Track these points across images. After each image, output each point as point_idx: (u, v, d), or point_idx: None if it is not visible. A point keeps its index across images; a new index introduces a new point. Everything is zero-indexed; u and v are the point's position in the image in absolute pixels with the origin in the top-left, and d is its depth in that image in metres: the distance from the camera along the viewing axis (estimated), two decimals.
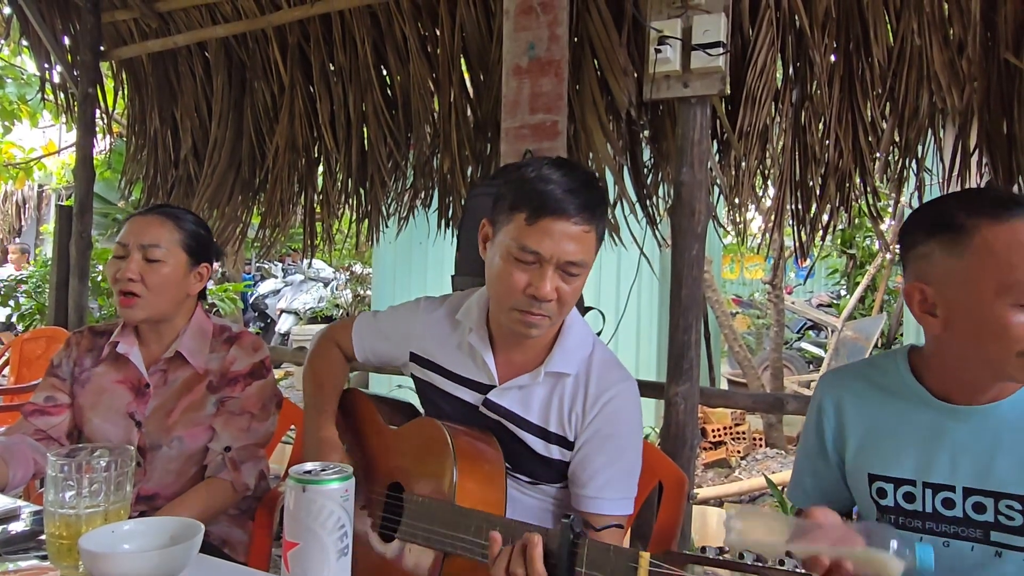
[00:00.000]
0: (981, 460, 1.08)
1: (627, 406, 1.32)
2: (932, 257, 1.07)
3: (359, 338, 1.50)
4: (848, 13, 2.17)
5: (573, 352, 1.33)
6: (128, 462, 1.06)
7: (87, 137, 3.43)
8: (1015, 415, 1.08)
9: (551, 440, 1.31)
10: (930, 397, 1.13)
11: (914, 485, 1.13)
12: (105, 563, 0.89)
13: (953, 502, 1.10)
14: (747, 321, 9.44)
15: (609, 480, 1.28)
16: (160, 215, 1.61)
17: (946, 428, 1.11)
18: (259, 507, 1.66)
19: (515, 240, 1.21)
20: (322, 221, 3.42)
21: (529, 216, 1.20)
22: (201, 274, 1.65)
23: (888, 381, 1.19)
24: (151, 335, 1.64)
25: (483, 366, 1.35)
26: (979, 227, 1.01)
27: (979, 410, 1.09)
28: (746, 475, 4.70)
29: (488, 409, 1.34)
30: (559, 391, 1.32)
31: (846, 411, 1.22)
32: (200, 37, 3.29)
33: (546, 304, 1.22)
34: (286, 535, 0.92)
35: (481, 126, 2.79)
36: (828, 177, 2.28)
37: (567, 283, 1.22)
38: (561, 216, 1.19)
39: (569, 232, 1.19)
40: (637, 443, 1.34)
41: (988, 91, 2.07)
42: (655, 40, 1.90)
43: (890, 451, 1.16)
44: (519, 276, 1.21)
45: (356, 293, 9.27)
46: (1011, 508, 1.06)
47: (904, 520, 1.14)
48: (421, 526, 1.19)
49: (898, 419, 1.16)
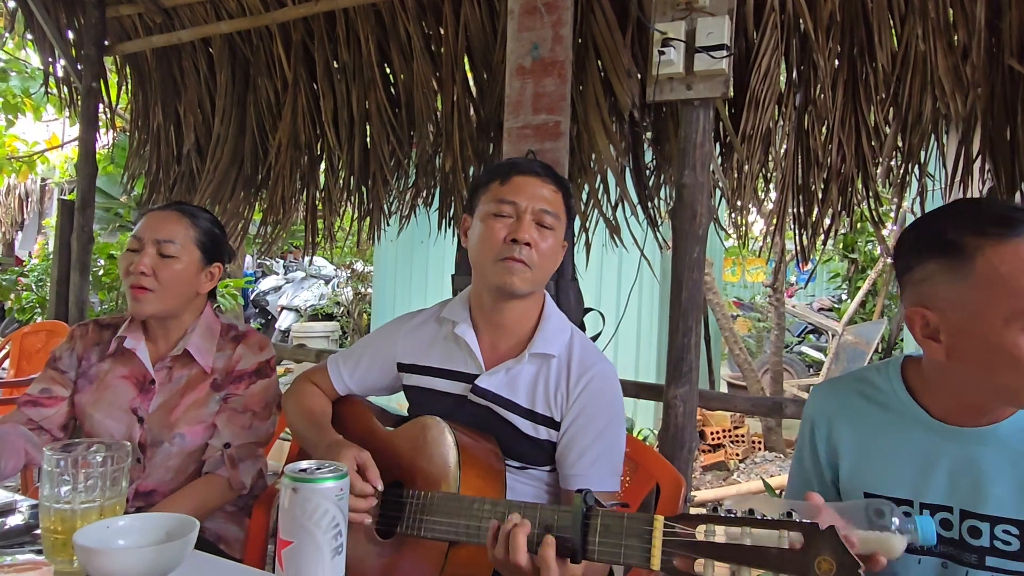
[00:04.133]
0: (978, 483, 1.04)
1: (608, 384, 1.38)
2: (933, 281, 1.01)
3: (336, 372, 1.52)
4: (853, 17, 2.17)
5: (555, 335, 1.40)
6: (124, 457, 1.06)
7: (90, 131, 3.43)
8: (1013, 439, 1.04)
9: (538, 421, 1.36)
10: (926, 416, 1.09)
11: (911, 505, 1.09)
12: (100, 559, 0.89)
13: (951, 523, 1.06)
14: (748, 324, 9.43)
15: (597, 456, 1.33)
16: (177, 211, 1.61)
17: (943, 449, 1.07)
18: (256, 504, 1.66)
19: (493, 200, 1.35)
20: (324, 218, 3.42)
21: (502, 178, 1.36)
22: (212, 273, 1.65)
23: (882, 397, 1.15)
24: (159, 331, 1.64)
25: (469, 353, 1.40)
26: (982, 249, 0.95)
27: (977, 432, 1.05)
28: (744, 478, 4.70)
29: (476, 395, 1.37)
30: (544, 373, 1.38)
31: (838, 428, 1.19)
32: (204, 33, 3.29)
33: (525, 249, 1.31)
34: (281, 533, 0.91)
35: (484, 126, 2.78)
36: (830, 181, 2.28)
37: (542, 236, 1.33)
38: (531, 174, 1.36)
39: (539, 187, 1.35)
40: (621, 420, 1.39)
41: (992, 97, 2.07)
42: (659, 42, 1.89)
43: (886, 470, 1.12)
44: (499, 228, 1.33)
45: (357, 291, 9.27)
46: (1008, 533, 1.02)
47: None
48: (424, 518, 1.20)
49: (893, 437, 1.12)
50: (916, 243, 1.05)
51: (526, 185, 1.34)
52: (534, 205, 1.33)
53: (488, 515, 1.11)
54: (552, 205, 1.35)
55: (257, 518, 1.64)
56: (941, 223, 1.02)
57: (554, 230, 1.35)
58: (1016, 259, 0.93)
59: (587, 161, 2.47)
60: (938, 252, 1.00)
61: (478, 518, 1.12)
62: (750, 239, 2.71)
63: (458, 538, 1.14)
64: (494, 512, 1.11)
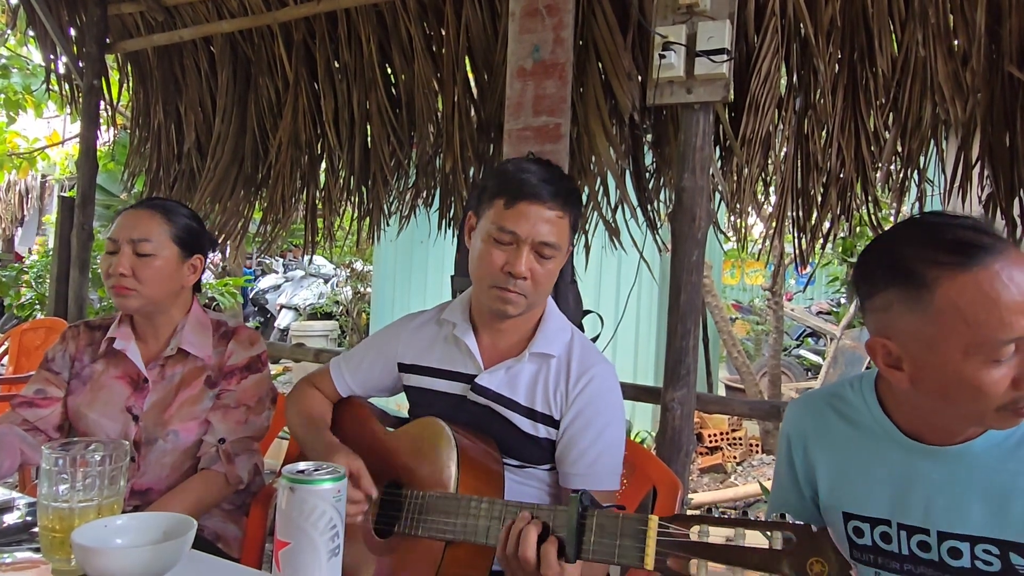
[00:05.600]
0: (955, 503, 1.02)
1: (608, 384, 1.39)
2: (892, 311, 0.97)
3: (339, 375, 1.52)
4: (853, 23, 2.17)
5: (555, 335, 1.41)
6: (123, 456, 1.06)
7: (91, 129, 3.44)
8: (988, 456, 1.01)
9: (538, 419, 1.36)
10: (900, 435, 1.07)
11: (889, 525, 1.07)
12: (97, 558, 0.89)
13: (929, 545, 1.04)
14: (746, 327, 9.43)
15: (597, 456, 1.33)
16: (150, 209, 1.61)
17: (918, 468, 1.05)
18: (253, 503, 1.66)
19: (494, 223, 1.31)
20: (323, 218, 3.42)
21: (507, 201, 1.31)
22: (195, 266, 1.65)
23: (856, 415, 1.12)
24: (148, 330, 1.64)
25: (468, 353, 1.40)
26: (939, 281, 0.91)
27: (952, 451, 1.03)
28: (742, 481, 4.70)
29: (476, 393, 1.37)
30: (544, 372, 1.38)
31: (813, 447, 1.17)
32: (206, 32, 3.29)
33: (521, 282, 1.30)
34: (278, 534, 0.92)
35: (484, 127, 2.79)
36: (830, 186, 2.28)
37: (541, 264, 1.32)
38: (536, 200, 1.30)
39: (543, 215, 1.30)
40: (620, 420, 1.39)
41: (991, 104, 2.07)
42: (659, 45, 1.90)
43: (862, 489, 1.09)
44: (498, 255, 1.31)
45: (356, 290, 9.26)
46: (988, 553, 0.99)
47: (883, 560, 1.08)
48: (422, 518, 1.20)
49: (868, 456, 1.09)
50: (876, 269, 1.01)
51: (529, 214, 1.29)
52: (535, 237, 1.29)
53: (485, 514, 1.12)
54: (555, 234, 1.31)
55: (255, 517, 1.65)
56: (899, 249, 0.98)
57: (554, 257, 1.33)
58: (974, 290, 0.90)
59: (587, 163, 2.47)
60: (896, 281, 0.96)
61: (475, 516, 1.13)
62: (749, 242, 2.71)
63: (455, 537, 1.15)
64: (491, 511, 1.11)
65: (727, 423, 5.24)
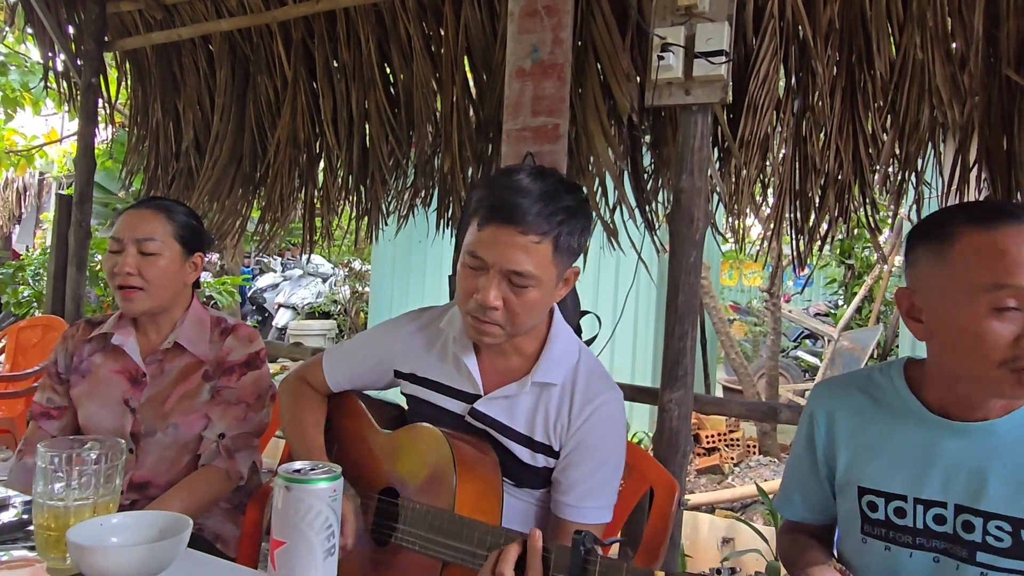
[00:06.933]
0: (974, 479, 1.05)
1: (612, 416, 1.31)
2: (919, 263, 1.07)
3: (331, 369, 1.47)
4: (851, 25, 2.17)
5: (559, 362, 1.32)
6: (119, 455, 1.06)
7: (89, 126, 3.43)
8: (1011, 437, 1.05)
9: (536, 449, 1.31)
10: (926, 412, 1.11)
11: (905, 500, 1.10)
12: (93, 556, 0.89)
13: (944, 518, 1.07)
14: (744, 328, 9.45)
15: (591, 489, 1.28)
16: (152, 208, 1.63)
17: (941, 444, 1.08)
18: (250, 501, 1.66)
19: (468, 245, 1.21)
20: (322, 217, 3.42)
21: (480, 222, 1.20)
22: (195, 263, 1.67)
23: (883, 395, 1.17)
24: (150, 326, 1.66)
25: (467, 374, 1.33)
26: (963, 234, 1.00)
27: (975, 427, 1.06)
28: (739, 482, 4.70)
29: (474, 419, 1.33)
30: (545, 401, 1.31)
31: (838, 424, 1.20)
32: (204, 30, 3.29)
33: (492, 312, 1.19)
34: (273, 533, 0.92)
35: (483, 127, 2.79)
36: (828, 188, 2.28)
37: (516, 294, 1.18)
38: (507, 224, 1.16)
39: (515, 242, 1.16)
40: (620, 453, 1.33)
41: (989, 107, 2.07)
42: (658, 47, 1.90)
43: (882, 466, 1.13)
44: (470, 281, 1.21)
45: (354, 289, 9.27)
46: (1000, 529, 1.03)
47: (894, 535, 1.12)
48: (419, 533, 1.19)
49: (891, 434, 1.13)
50: (918, 230, 1.10)
51: (498, 239, 1.16)
52: (503, 265, 1.16)
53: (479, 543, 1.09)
54: (527, 263, 1.16)
55: (251, 515, 1.65)
56: (945, 213, 1.07)
57: (530, 287, 1.18)
58: (989, 244, 0.98)
59: (585, 164, 2.47)
60: (929, 237, 1.06)
61: (472, 543, 1.10)
62: (747, 244, 2.71)
63: (452, 561, 1.13)
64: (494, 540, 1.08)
65: (724, 424, 5.24)
